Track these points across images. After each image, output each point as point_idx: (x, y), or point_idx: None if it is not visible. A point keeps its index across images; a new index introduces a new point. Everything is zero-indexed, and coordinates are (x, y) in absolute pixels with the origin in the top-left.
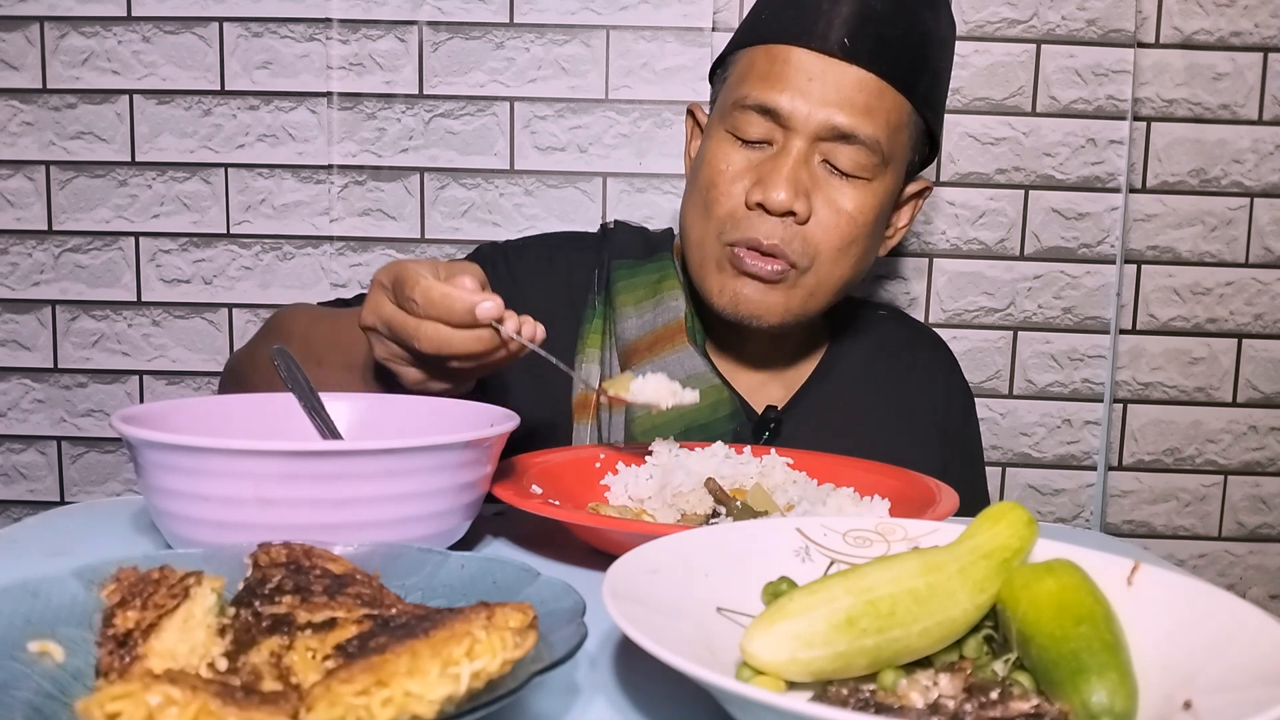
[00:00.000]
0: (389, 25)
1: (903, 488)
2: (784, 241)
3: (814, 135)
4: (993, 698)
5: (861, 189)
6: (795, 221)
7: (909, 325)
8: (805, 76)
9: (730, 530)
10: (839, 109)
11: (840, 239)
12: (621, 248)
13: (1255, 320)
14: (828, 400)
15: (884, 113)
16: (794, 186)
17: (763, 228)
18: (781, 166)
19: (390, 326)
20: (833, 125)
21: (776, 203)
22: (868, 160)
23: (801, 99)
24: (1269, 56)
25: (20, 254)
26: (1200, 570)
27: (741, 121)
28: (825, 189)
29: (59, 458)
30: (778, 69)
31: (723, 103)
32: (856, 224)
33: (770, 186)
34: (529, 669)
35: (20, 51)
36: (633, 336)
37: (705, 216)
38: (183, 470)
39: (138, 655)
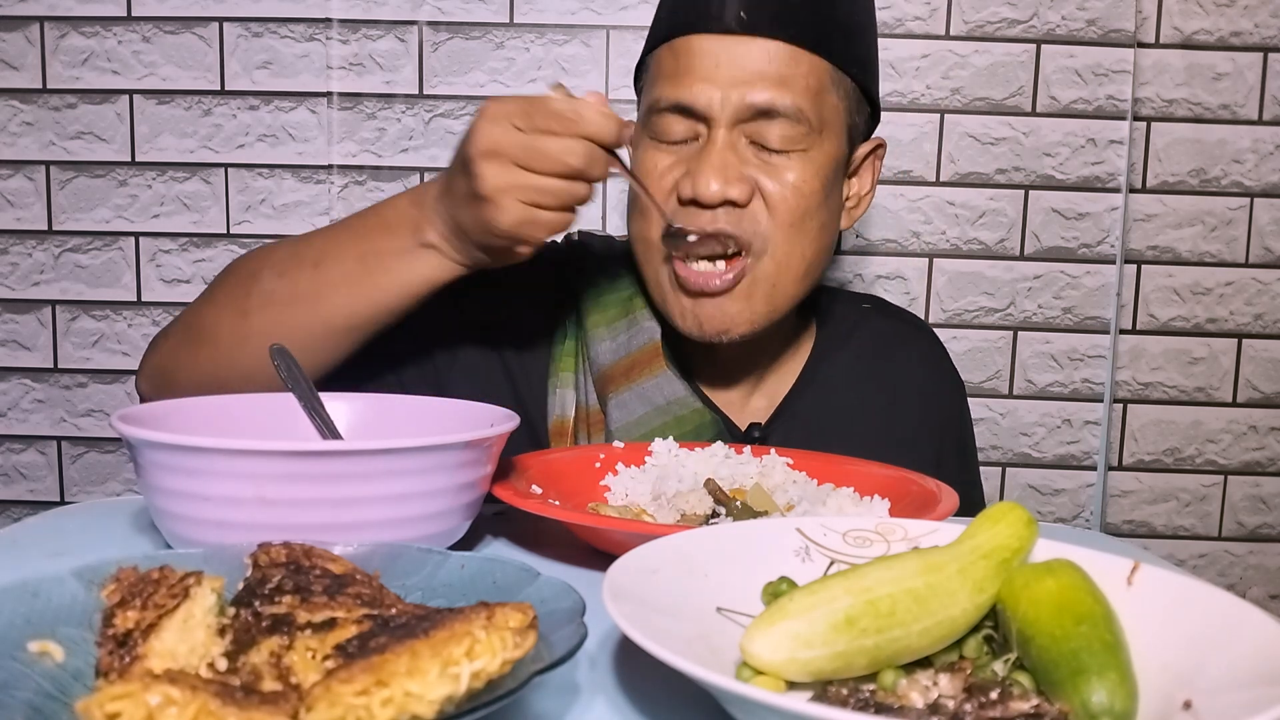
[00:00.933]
0: (389, 25)
1: (903, 488)
2: (729, 224)
3: (734, 119)
4: (993, 698)
5: (799, 160)
6: (737, 207)
7: (895, 317)
8: (711, 63)
9: (730, 530)
10: (750, 87)
11: (790, 214)
12: (589, 263)
13: (1255, 320)
14: (814, 407)
15: (801, 79)
16: (723, 173)
17: (702, 219)
18: (707, 157)
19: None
20: (749, 104)
21: (709, 194)
22: (795, 131)
23: (711, 86)
24: (1269, 56)
25: (20, 254)
26: (1200, 570)
27: (660, 125)
28: (763, 167)
29: (59, 458)
30: (683, 63)
31: (643, 111)
32: (803, 195)
33: (699, 177)
34: (529, 669)
35: (20, 51)
36: (607, 362)
37: (646, 231)
38: (183, 470)
39: (138, 655)
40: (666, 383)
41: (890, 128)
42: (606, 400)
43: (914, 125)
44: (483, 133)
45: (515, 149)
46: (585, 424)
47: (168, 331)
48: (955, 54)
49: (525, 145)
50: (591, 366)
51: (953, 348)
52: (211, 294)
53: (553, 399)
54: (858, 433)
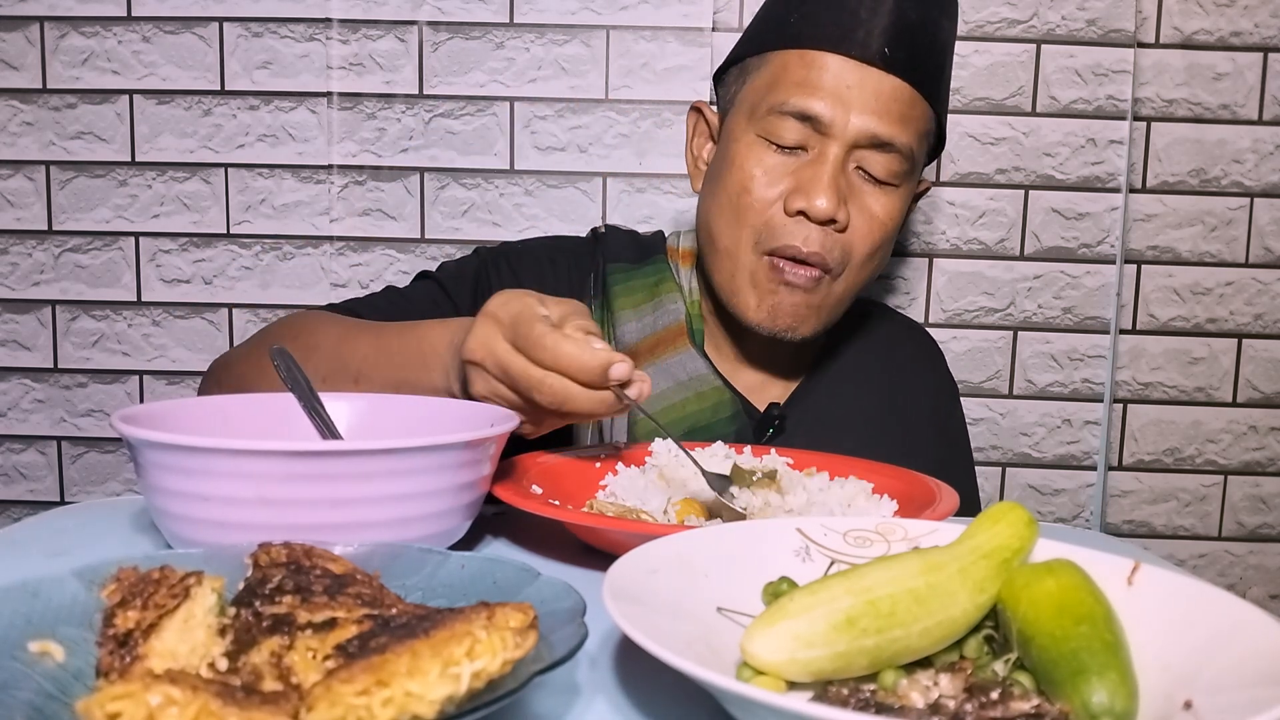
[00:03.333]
0: (389, 25)
1: (903, 487)
2: (823, 249)
3: (851, 142)
4: (993, 698)
5: (891, 194)
6: (835, 229)
7: (893, 319)
8: (845, 84)
9: (730, 530)
10: (877, 117)
11: (871, 245)
12: (615, 252)
13: (1255, 320)
14: (826, 398)
15: (916, 120)
16: (837, 193)
17: (801, 234)
18: (822, 174)
19: (508, 371)
20: (871, 133)
21: (820, 210)
22: (900, 167)
23: (841, 106)
24: (1269, 56)
25: (20, 254)
26: (1200, 570)
27: (777, 126)
28: (860, 196)
29: (59, 458)
30: (815, 75)
31: (751, 105)
32: (886, 230)
33: (813, 194)
34: (529, 669)
35: (20, 51)
36: (633, 339)
37: (737, 224)
38: (183, 470)
39: (138, 655)
40: (690, 360)
41: None
42: None
43: None
44: (475, 337)
45: (495, 366)
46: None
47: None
48: (955, 54)
49: (502, 366)
50: (618, 345)
51: (953, 348)
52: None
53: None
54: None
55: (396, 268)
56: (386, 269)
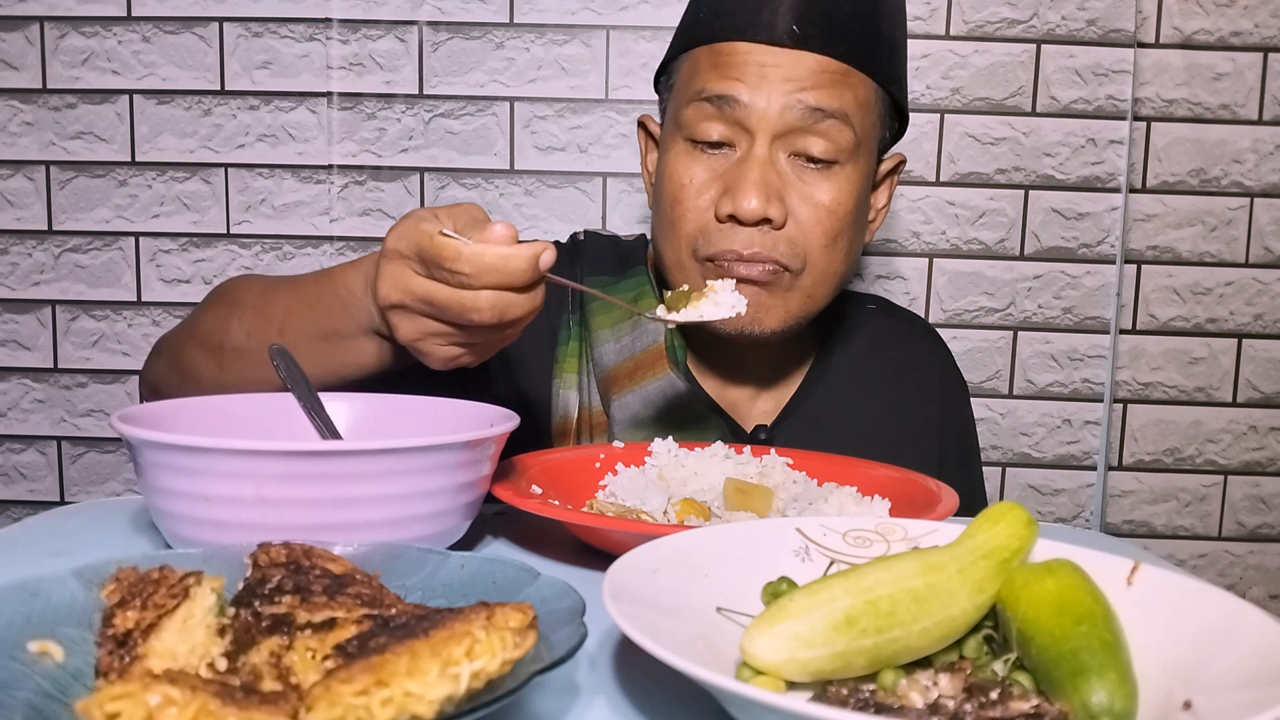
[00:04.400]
0: (389, 25)
1: (903, 487)
2: (765, 249)
3: (775, 129)
4: (993, 698)
5: (835, 177)
6: (772, 228)
7: (899, 317)
8: (755, 66)
9: (730, 530)
10: (801, 90)
11: (824, 234)
12: (594, 262)
13: (1255, 320)
14: (820, 410)
15: (850, 89)
16: (764, 191)
17: (739, 239)
18: (748, 171)
19: (433, 302)
20: (797, 105)
21: (748, 211)
22: (842, 139)
23: (757, 91)
24: (1269, 56)
25: (20, 254)
26: (1200, 570)
27: (698, 122)
28: (798, 186)
29: (59, 458)
30: (725, 61)
31: (675, 110)
32: (837, 216)
33: (740, 195)
34: (529, 669)
35: (20, 51)
36: (611, 363)
37: (675, 236)
38: (183, 470)
39: (137, 655)
40: (670, 385)
41: None
42: (610, 401)
43: (914, 125)
44: (384, 280)
45: (417, 302)
46: (588, 425)
47: (160, 349)
48: (955, 54)
49: (425, 298)
50: (595, 368)
51: (953, 348)
52: (193, 329)
53: (556, 400)
54: (863, 433)
55: None
56: None
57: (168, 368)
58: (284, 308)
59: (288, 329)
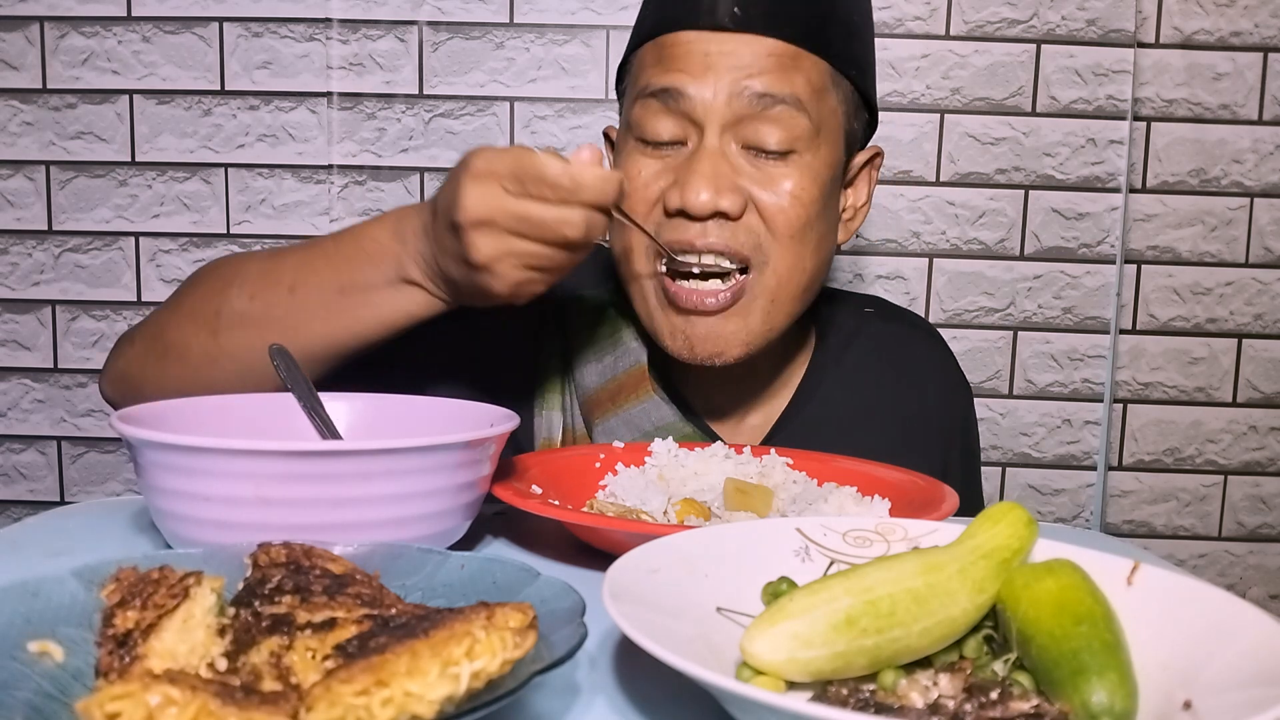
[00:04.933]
0: (389, 25)
1: (903, 487)
2: (722, 240)
3: (725, 119)
4: (993, 698)
5: (796, 165)
6: (729, 219)
7: (898, 320)
8: (700, 60)
9: (730, 530)
10: (748, 77)
11: (789, 225)
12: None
13: (1255, 320)
14: (813, 422)
15: (801, 74)
16: (714, 182)
17: (691, 231)
18: (697, 163)
19: (529, 218)
20: (746, 92)
21: (698, 204)
22: (796, 126)
23: (701, 81)
24: (1269, 56)
25: (20, 254)
26: (1200, 570)
27: (646, 120)
28: (755, 177)
29: (59, 458)
30: (667, 54)
31: (625, 110)
32: (803, 204)
33: (688, 187)
34: (529, 669)
35: (20, 51)
36: (593, 385)
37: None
38: (183, 470)
39: (137, 655)
40: (654, 408)
41: (890, 128)
42: (593, 426)
43: (914, 125)
44: (472, 198)
45: (509, 219)
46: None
47: (132, 336)
48: (955, 54)
49: (519, 215)
50: (577, 389)
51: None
52: (179, 305)
53: (539, 421)
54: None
55: None
56: None
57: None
58: (295, 263)
59: (300, 284)
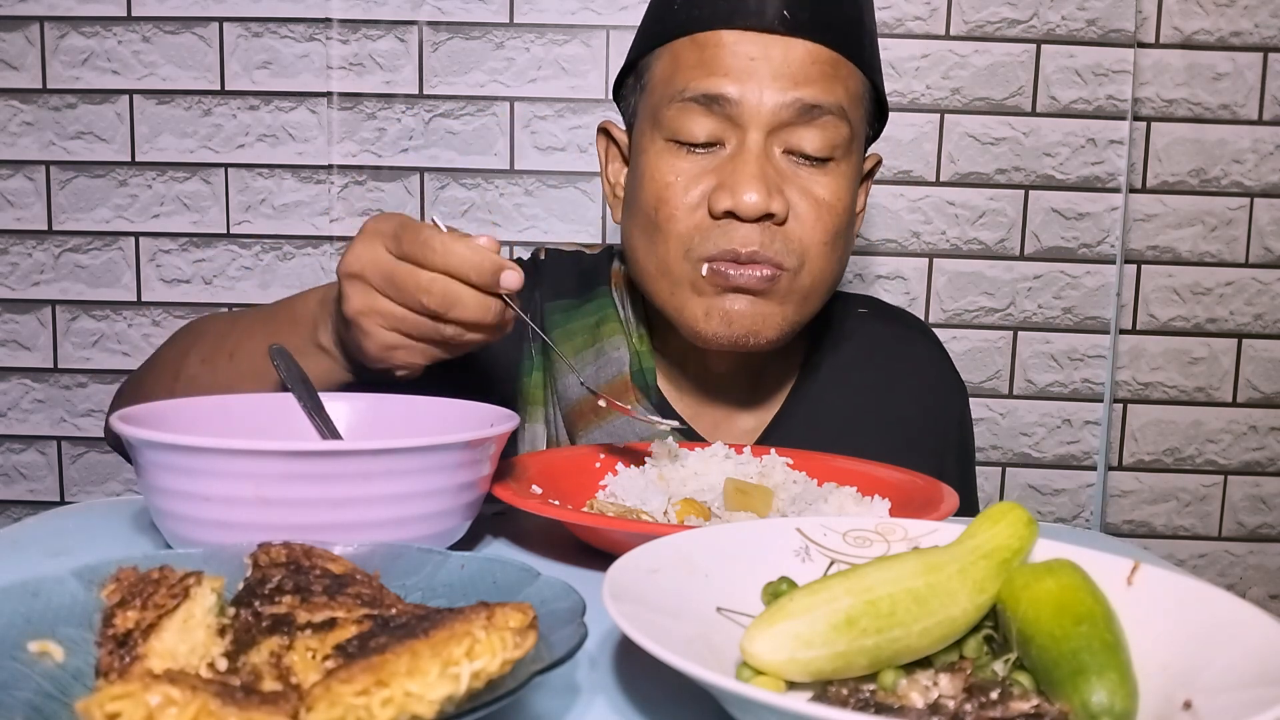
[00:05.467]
0: (389, 25)
1: (903, 487)
2: (764, 247)
3: (769, 124)
4: (993, 698)
5: (833, 173)
6: (774, 224)
7: (893, 320)
8: (748, 58)
9: (730, 530)
10: (795, 84)
11: (825, 232)
12: (554, 285)
13: (1255, 320)
14: (807, 423)
15: (842, 82)
16: (765, 184)
17: (738, 236)
18: (745, 164)
19: (393, 278)
20: (791, 101)
21: (749, 206)
22: (837, 136)
23: (749, 81)
24: (1269, 56)
25: (20, 254)
26: (1200, 570)
27: (683, 121)
28: (796, 181)
29: (59, 458)
30: (712, 54)
31: (653, 110)
32: (836, 212)
33: (739, 189)
34: (529, 669)
35: (20, 51)
36: (576, 396)
37: (662, 240)
38: (183, 470)
39: (138, 655)
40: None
41: (890, 128)
42: (576, 437)
43: (914, 125)
44: (353, 251)
45: (377, 274)
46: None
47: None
48: (955, 54)
49: (386, 273)
50: (560, 400)
51: (953, 348)
52: (154, 363)
53: (523, 434)
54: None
55: None
56: None
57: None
58: (241, 329)
59: (238, 350)
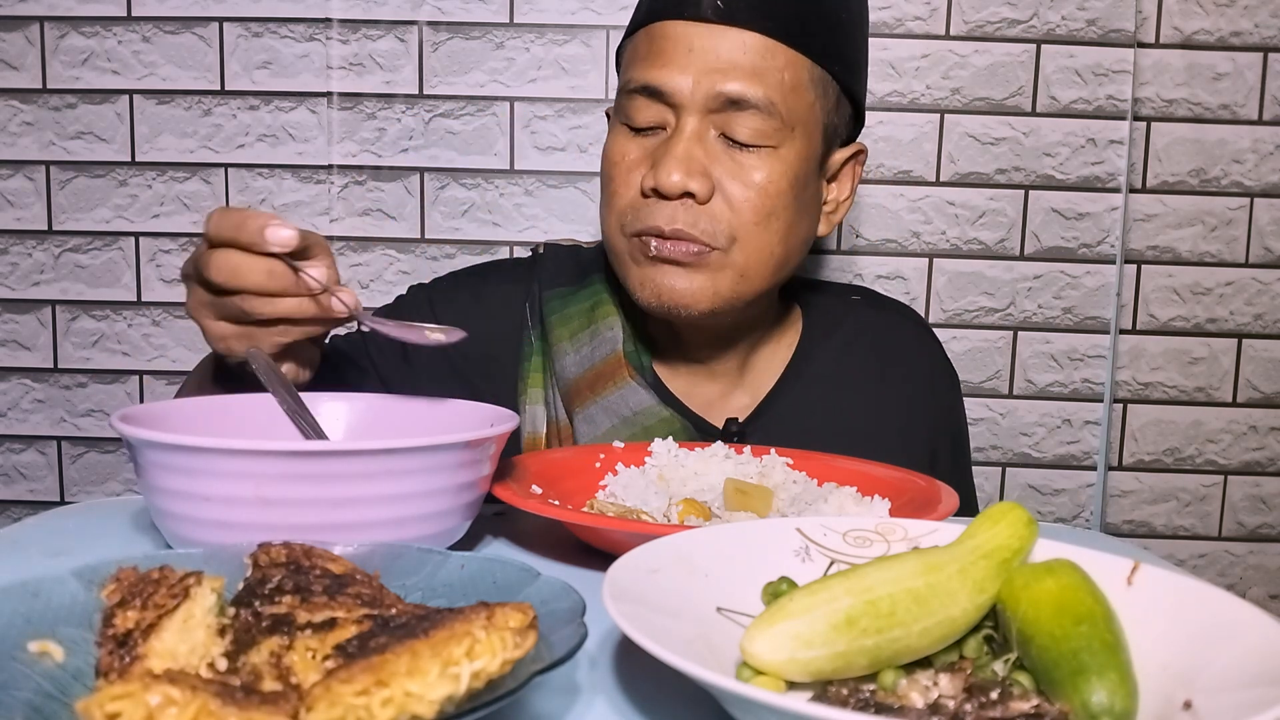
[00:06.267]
0: (389, 25)
1: (903, 487)
2: (688, 225)
3: (703, 108)
4: (993, 698)
5: (769, 158)
6: (696, 202)
7: (885, 308)
8: (684, 48)
9: (730, 530)
10: (722, 76)
11: (755, 212)
12: (552, 275)
13: (1255, 320)
14: (799, 403)
15: (776, 72)
16: (686, 165)
17: (661, 214)
18: (672, 147)
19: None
20: (719, 94)
21: (669, 184)
22: (766, 126)
23: (682, 73)
24: (1269, 56)
25: (20, 254)
26: (1200, 570)
27: (630, 108)
28: (727, 163)
29: (59, 458)
30: (656, 47)
31: (617, 95)
32: (769, 194)
33: (661, 169)
34: (529, 669)
35: (20, 51)
36: (572, 375)
37: (609, 212)
38: (183, 470)
39: (138, 655)
40: (631, 394)
41: (890, 128)
42: (574, 414)
43: (914, 125)
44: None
45: (191, 267)
46: (556, 439)
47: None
48: (955, 54)
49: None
50: (558, 381)
51: (953, 348)
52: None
53: (524, 416)
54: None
55: (396, 268)
56: (386, 269)
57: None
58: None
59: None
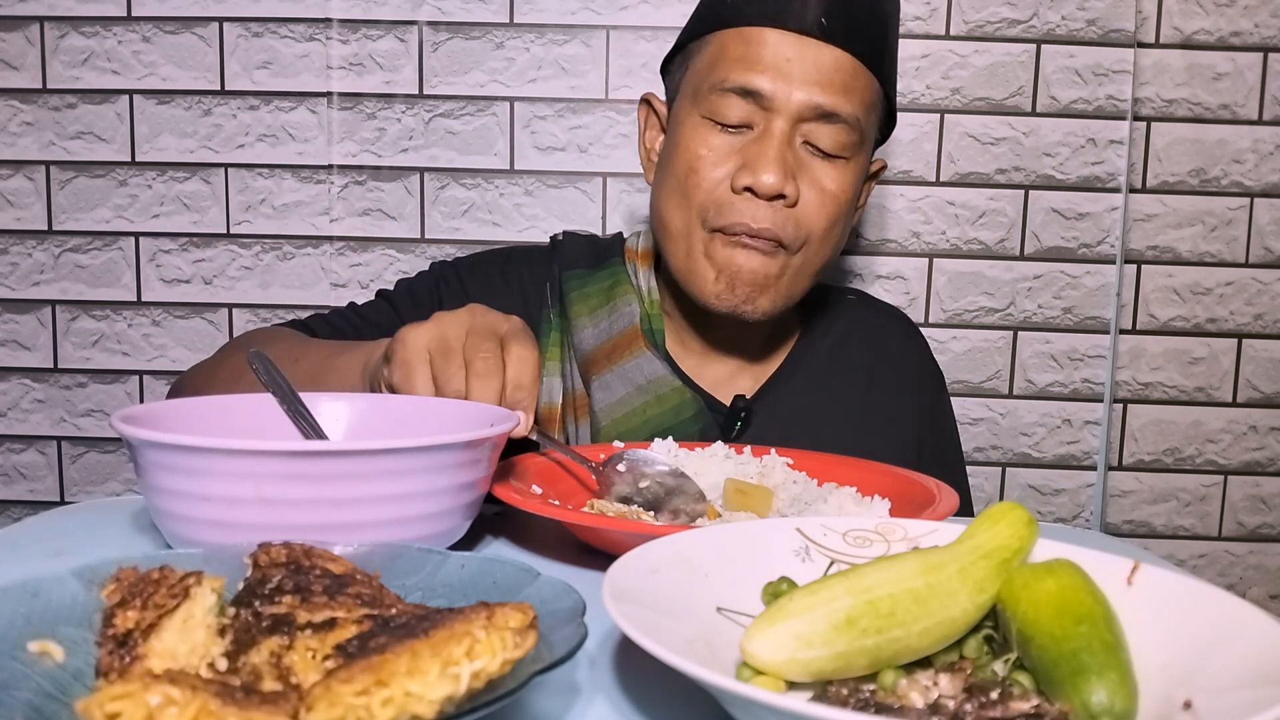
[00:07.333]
0: (389, 25)
1: (903, 487)
2: (775, 225)
3: (795, 116)
4: (993, 698)
5: (842, 168)
6: (785, 204)
7: (876, 308)
8: (783, 57)
9: (730, 530)
10: (820, 89)
11: (827, 219)
12: (571, 259)
13: (1255, 320)
14: (798, 391)
15: (860, 91)
16: (783, 168)
17: (750, 211)
18: (768, 149)
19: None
20: (815, 105)
21: (767, 185)
22: (848, 139)
23: (782, 80)
24: (1269, 56)
25: (20, 254)
26: (1200, 570)
27: (720, 105)
28: (809, 170)
29: (59, 458)
30: (754, 51)
31: (694, 88)
32: (840, 204)
33: (759, 169)
34: (529, 669)
35: (20, 51)
36: (590, 346)
37: (686, 205)
38: (183, 470)
39: (138, 655)
40: (646, 363)
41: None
42: (590, 382)
43: (914, 125)
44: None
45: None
46: (572, 409)
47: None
48: (955, 54)
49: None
50: (575, 353)
51: (953, 348)
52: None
53: (540, 388)
54: (842, 415)
55: (396, 268)
56: (386, 269)
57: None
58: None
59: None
